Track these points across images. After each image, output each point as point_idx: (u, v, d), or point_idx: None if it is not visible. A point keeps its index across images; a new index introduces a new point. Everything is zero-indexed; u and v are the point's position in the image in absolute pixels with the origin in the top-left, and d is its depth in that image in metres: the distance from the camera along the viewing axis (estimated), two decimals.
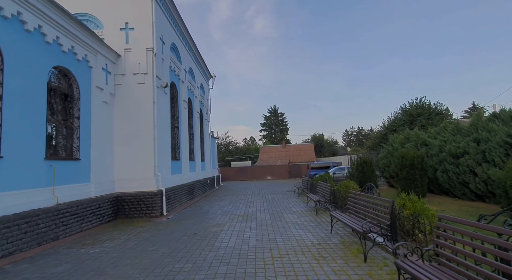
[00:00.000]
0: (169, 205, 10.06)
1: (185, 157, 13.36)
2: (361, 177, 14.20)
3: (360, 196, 5.93)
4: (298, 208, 10.10)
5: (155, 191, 9.04)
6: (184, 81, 13.54)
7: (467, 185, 10.35)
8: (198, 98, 17.06)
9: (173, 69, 12.17)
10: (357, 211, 5.82)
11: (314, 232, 6.42)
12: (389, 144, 17.16)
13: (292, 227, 7.00)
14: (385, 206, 4.56)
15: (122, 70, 9.54)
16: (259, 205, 11.25)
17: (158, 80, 9.98)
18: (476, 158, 9.81)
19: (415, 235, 5.24)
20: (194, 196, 14.05)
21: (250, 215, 9.04)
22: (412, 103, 26.98)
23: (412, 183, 9.97)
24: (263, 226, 7.31)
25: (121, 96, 9.48)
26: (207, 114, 20.30)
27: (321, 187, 9.98)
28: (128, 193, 8.97)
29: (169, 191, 10.20)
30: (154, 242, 6.03)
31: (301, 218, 8.19)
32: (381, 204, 4.76)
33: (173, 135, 12.30)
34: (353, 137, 68.85)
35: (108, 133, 8.99)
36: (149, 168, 9.20)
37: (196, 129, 16.48)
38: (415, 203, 5.63)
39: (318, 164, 25.29)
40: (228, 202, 12.38)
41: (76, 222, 7.06)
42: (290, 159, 36.56)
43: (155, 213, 8.91)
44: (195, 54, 16.29)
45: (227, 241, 5.89)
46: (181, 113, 13.26)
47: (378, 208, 4.86)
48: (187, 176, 13.25)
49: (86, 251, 5.59)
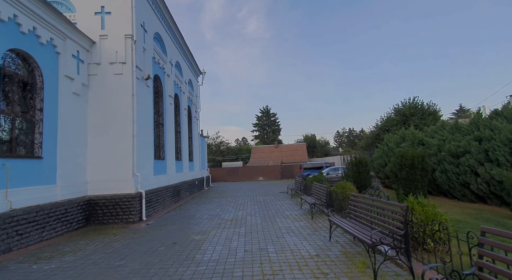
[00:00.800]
0: (150, 208, 9.12)
1: (170, 156, 12.41)
2: (357, 177, 13.60)
3: (363, 199, 5.21)
4: (292, 211, 9.35)
5: (133, 194, 8.08)
6: (170, 75, 12.59)
7: (468, 185, 9.85)
8: (186, 95, 16.11)
9: (157, 61, 11.22)
10: (359, 216, 5.09)
11: (310, 240, 5.65)
12: (384, 144, 16.67)
13: (286, 234, 6.22)
14: (397, 212, 3.84)
15: (97, 59, 8.55)
16: (249, 207, 10.44)
17: (138, 71, 9.04)
18: (478, 157, 9.31)
19: (426, 243, 4.57)
20: (180, 198, 13.10)
21: (240, 219, 8.22)
22: (405, 103, 26.78)
23: (412, 183, 9.38)
24: (253, 232, 6.50)
25: (96, 88, 8.48)
26: (196, 112, 19.35)
27: (316, 188, 9.26)
28: (102, 196, 7.98)
29: (151, 193, 9.26)
30: (124, 254, 5.12)
31: (295, 222, 7.43)
32: (392, 209, 4.03)
33: (157, 132, 11.35)
34: (344, 138, 68.97)
35: (80, 128, 7.98)
36: (127, 168, 8.25)
37: (183, 127, 15.52)
38: (425, 207, 4.96)
39: (311, 164, 24.69)
40: (216, 205, 11.51)
41: (35, 230, 6.06)
42: (282, 159, 35.90)
43: (132, 218, 7.96)
44: (182, 47, 15.34)
45: (211, 252, 5.05)
46: (167, 110, 12.31)
47: (388, 214, 4.13)
48: (172, 177, 12.30)
49: (39, 267, 4.63)
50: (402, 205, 3.78)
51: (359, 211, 5.12)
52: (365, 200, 5.14)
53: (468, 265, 3.36)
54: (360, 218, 5.07)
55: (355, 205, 5.42)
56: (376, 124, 29.59)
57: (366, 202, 5.01)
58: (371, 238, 3.62)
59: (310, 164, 24.99)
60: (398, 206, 3.89)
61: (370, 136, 30.20)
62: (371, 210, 4.79)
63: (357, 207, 5.33)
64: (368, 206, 4.92)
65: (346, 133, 68.97)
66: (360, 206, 5.22)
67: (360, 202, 5.29)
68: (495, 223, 6.70)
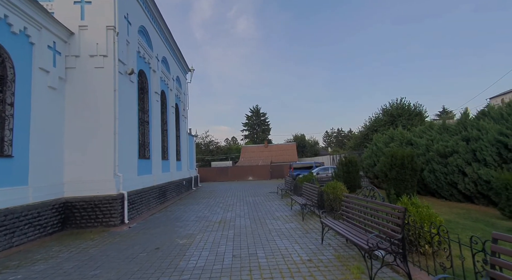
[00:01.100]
0: (134, 210, 8.64)
1: (156, 155, 11.91)
2: (346, 177, 13.58)
3: (357, 200, 5.02)
4: (282, 212, 9.11)
5: (114, 195, 7.60)
6: (156, 70, 12.08)
7: (456, 185, 9.94)
8: (174, 92, 15.59)
9: (142, 55, 10.71)
10: (352, 217, 4.90)
11: (302, 243, 5.42)
12: (373, 144, 16.76)
13: (276, 237, 5.96)
14: (394, 214, 3.65)
15: (76, 51, 7.99)
16: (238, 208, 10.13)
17: (121, 65, 8.54)
18: (466, 157, 9.40)
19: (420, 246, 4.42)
20: (167, 199, 12.62)
21: (228, 221, 7.90)
22: (392, 104, 27.18)
23: (402, 183, 9.35)
24: (242, 235, 6.20)
25: (75, 82, 7.92)
26: (184, 110, 18.81)
27: (306, 188, 9.06)
28: (80, 197, 7.45)
29: (134, 194, 8.78)
30: (100, 262, 4.70)
31: (286, 224, 7.18)
32: (388, 211, 3.84)
33: (142, 130, 10.83)
34: (333, 139, 69.77)
35: (56, 125, 7.42)
36: (108, 168, 7.75)
37: (171, 125, 15.01)
38: (419, 208, 4.82)
39: (301, 164, 24.62)
40: (204, 206, 11.12)
41: (3, 236, 5.51)
42: (272, 159, 35.75)
43: (113, 221, 7.48)
44: (169, 42, 14.81)
45: (196, 258, 4.71)
46: (153, 107, 11.80)
47: (384, 216, 3.94)
48: (158, 177, 11.81)
49: (3, 278, 4.15)
50: (399, 207, 3.59)
51: (353, 213, 4.93)
52: (358, 201, 4.95)
53: (470, 272, 3.20)
54: (353, 219, 4.88)
55: (348, 206, 5.23)
56: (364, 125, 29.90)
57: (360, 203, 4.82)
58: (368, 243, 3.41)
59: (300, 163, 24.92)
60: (395, 208, 3.70)
61: (359, 136, 30.53)
62: (365, 212, 4.60)
63: (350, 208, 5.14)
64: (362, 208, 4.73)
65: (335, 134, 69.80)
66: (353, 207, 5.03)
67: (353, 203, 5.10)
68: (484, 223, 6.70)
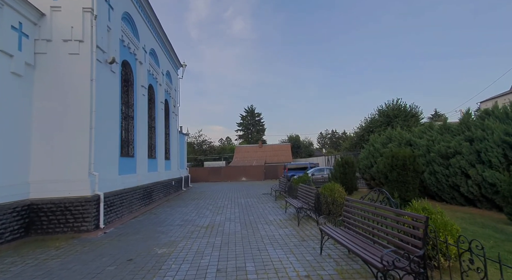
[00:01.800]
0: (112, 213, 7.81)
1: (142, 153, 11.07)
2: (343, 178, 13.01)
3: (362, 205, 4.36)
4: (276, 215, 8.43)
5: (88, 197, 6.77)
6: (142, 62, 11.25)
7: (458, 188, 9.43)
8: (163, 87, 14.74)
9: (126, 45, 9.88)
10: (356, 225, 4.24)
11: (298, 253, 4.73)
12: (369, 144, 16.25)
13: (269, 245, 5.26)
14: (414, 224, 2.99)
15: (48, 34, 7.13)
16: (229, 211, 9.40)
17: (100, 52, 7.71)
18: (470, 158, 8.89)
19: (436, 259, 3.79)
20: (153, 200, 11.78)
21: (217, 226, 7.16)
22: (388, 105, 26.89)
23: (404, 185, 8.78)
24: (230, 243, 5.48)
25: (45, 69, 7.06)
26: (175, 107, 17.95)
27: (302, 190, 8.39)
28: (48, 199, 6.60)
29: (113, 195, 7.95)
30: (58, 278, 3.90)
31: (280, 230, 6.49)
32: (404, 220, 3.19)
33: (125, 126, 10.00)
34: (327, 140, 69.62)
35: (21, 117, 6.55)
36: (82, 166, 6.91)
37: (159, 122, 14.16)
38: (432, 215, 4.20)
39: (295, 164, 24.04)
40: (193, 208, 10.35)
41: None
42: (266, 159, 35.09)
43: (86, 226, 6.65)
44: (159, 34, 13.98)
45: (173, 273, 3.97)
46: (138, 101, 10.96)
47: (398, 226, 3.29)
48: (144, 177, 10.97)
49: None
50: (420, 215, 2.93)
51: (357, 220, 4.27)
52: (365, 207, 4.29)
53: None
54: (356, 227, 4.22)
55: (350, 211, 4.57)
56: (360, 126, 29.56)
57: (367, 209, 4.16)
58: (382, 260, 2.74)
59: (294, 164, 24.33)
60: (414, 217, 3.04)
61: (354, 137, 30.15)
62: (373, 220, 3.95)
63: (353, 213, 4.48)
64: (369, 214, 4.08)
65: (329, 135, 69.64)
66: (357, 213, 4.37)
67: (356, 208, 4.44)
68: (493, 229, 6.14)
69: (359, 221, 4.20)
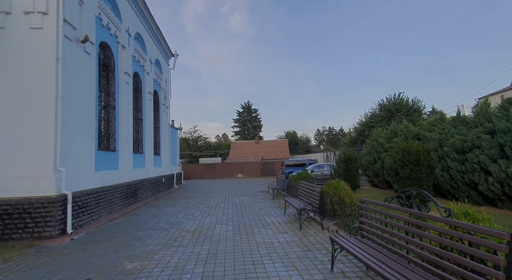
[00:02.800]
0: (85, 215, 6.76)
1: (126, 147, 9.99)
2: (346, 175, 12.07)
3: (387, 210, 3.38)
4: (274, 216, 7.45)
5: (52, 197, 5.71)
6: (126, 46, 10.11)
7: (475, 186, 8.55)
8: (152, 76, 13.60)
9: (106, 24, 8.73)
10: (381, 236, 3.27)
11: (303, 269, 3.75)
12: (372, 139, 15.34)
13: (266, 257, 4.28)
14: (486, 244, 2.01)
15: (6, 6, 6.01)
16: (222, 212, 8.41)
17: (69, 28, 6.59)
18: (491, 153, 7.98)
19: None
20: (139, 199, 10.73)
21: (206, 230, 6.17)
22: (390, 99, 26.00)
23: (417, 183, 7.84)
24: (219, 254, 4.49)
25: (3, 46, 5.95)
26: (166, 99, 16.82)
27: (304, 189, 7.42)
28: (4, 200, 5.53)
29: (87, 194, 6.90)
30: None
31: (279, 235, 5.52)
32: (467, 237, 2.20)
33: (105, 116, 8.91)
34: (324, 137, 68.88)
35: None
36: (45, 160, 5.84)
37: (147, 114, 13.06)
38: (478, 222, 3.28)
39: (293, 161, 23.10)
40: (181, 208, 9.33)
41: None
42: (263, 156, 34.12)
43: (49, 232, 5.60)
44: (146, 18, 12.80)
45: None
46: (121, 89, 9.84)
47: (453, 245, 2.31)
48: (127, 173, 9.91)
49: None
50: (500, 231, 1.95)
51: (381, 229, 3.29)
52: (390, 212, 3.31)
53: None
54: (380, 238, 3.25)
55: (369, 216, 3.61)
56: (360, 120, 28.68)
57: (396, 216, 3.18)
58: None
59: (292, 160, 23.39)
60: (493, 233, 2.04)
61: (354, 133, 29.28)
62: (407, 231, 2.97)
63: (373, 220, 3.51)
64: (400, 223, 3.10)
65: (326, 132, 68.87)
66: (381, 220, 3.39)
67: (379, 214, 3.47)
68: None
69: (385, 231, 3.23)
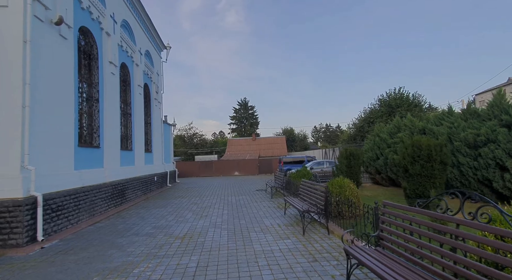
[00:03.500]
0: (62, 219, 6.01)
1: (112, 144, 9.21)
2: (348, 172, 11.46)
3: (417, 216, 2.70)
4: (274, 218, 6.78)
5: (19, 199, 4.95)
6: (111, 34, 9.27)
7: (490, 183, 7.97)
8: (141, 68, 12.76)
9: (85, 7, 7.88)
10: (413, 250, 2.60)
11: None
12: (374, 135, 14.71)
13: (267, 271, 3.59)
14: None
15: None
16: (216, 213, 7.71)
17: (40, 7, 5.78)
18: (508, 147, 7.38)
19: None
20: (127, 199, 9.98)
21: (197, 235, 5.47)
22: (390, 94, 25.43)
23: (429, 180, 7.22)
24: (210, 267, 3.80)
25: None
26: (158, 94, 15.98)
27: (306, 188, 6.73)
28: None
29: (64, 196, 6.14)
30: None
31: (280, 242, 4.84)
32: None
33: (87, 110, 8.12)
34: (321, 134, 68.40)
35: None
36: (9, 158, 5.07)
37: (137, 109, 12.25)
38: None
39: (292, 158, 22.46)
40: (173, 209, 8.62)
41: None
42: (260, 153, 33.45)
43: (15, 240, 4.85)
44: (135, 5, 11.92)
45: None
46: (106, 81, 9.02)
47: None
48: (114, 172, 9.14)
49: None
50: None
51: (413, 240, 2.62)
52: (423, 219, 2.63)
53: None
54: (410, 252, 2.58)
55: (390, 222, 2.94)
56: (359, 116, 28.09)
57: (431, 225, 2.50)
58: None
59: (290, 157, 22.75)
60: None
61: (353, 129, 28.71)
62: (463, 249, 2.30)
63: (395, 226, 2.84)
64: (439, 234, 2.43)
65: (323, 129, 68.37)
66: (413, 229, 2.72)
67: (411, 222, 2.79)
68: None
69: (421, 245, 2.55)
